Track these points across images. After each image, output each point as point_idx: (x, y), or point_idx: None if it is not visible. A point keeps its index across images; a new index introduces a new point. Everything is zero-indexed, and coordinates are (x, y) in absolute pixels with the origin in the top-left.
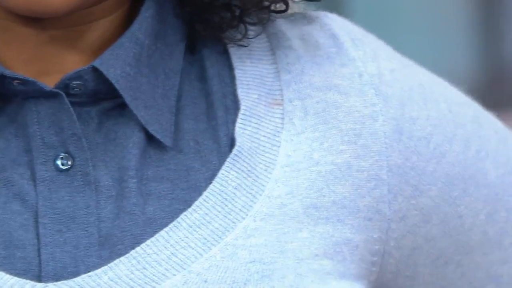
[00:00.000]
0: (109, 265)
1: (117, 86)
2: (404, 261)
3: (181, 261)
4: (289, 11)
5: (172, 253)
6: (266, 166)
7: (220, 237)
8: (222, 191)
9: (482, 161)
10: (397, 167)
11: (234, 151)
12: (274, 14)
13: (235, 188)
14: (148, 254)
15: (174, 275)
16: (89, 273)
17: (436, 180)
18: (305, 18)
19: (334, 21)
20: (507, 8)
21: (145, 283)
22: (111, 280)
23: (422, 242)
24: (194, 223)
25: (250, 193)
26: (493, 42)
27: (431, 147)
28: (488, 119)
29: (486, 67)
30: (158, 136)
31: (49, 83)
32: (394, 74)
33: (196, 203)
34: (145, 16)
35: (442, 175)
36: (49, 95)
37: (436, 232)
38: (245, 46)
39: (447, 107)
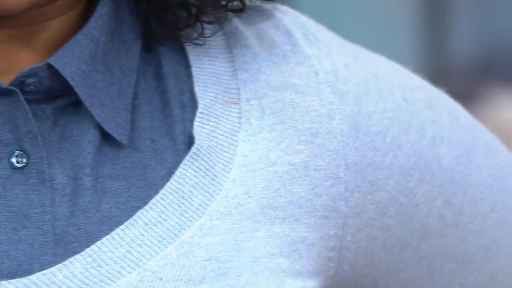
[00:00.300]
0: (64, 263)
1: (72, 83)
2: (361, 253)
3: (137, 259)
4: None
5: (127, 251)
6: (224, 165)
7: (176, 235)
8: (179, 189)
9: (438, 147)
10: (354, 165)
11: (193, 149)
12: (230, 13)
13: (192, 187)
14: (104, 252)
15: (130, 273)
16: (44, 271)
17: (393, 173)
18: (260, 15)
19: (287, 16)
20: (452, 5)
21: (100, 280)
22: (66, 278)
23: (378, 234)
24: (150, 221)
25: (207, 192)
26: (438, 38)
27: (387, 140)
28: (440, 100)
29: (430, 64)
30: (114, 134)
31: (5, 82)
32: (348, 69)
33: (153, 201)
34: (101, 14)
35: (398, 168)
36: (4, 92)
37: (392, 223)
38: (202, 45)
39: (401, 96)
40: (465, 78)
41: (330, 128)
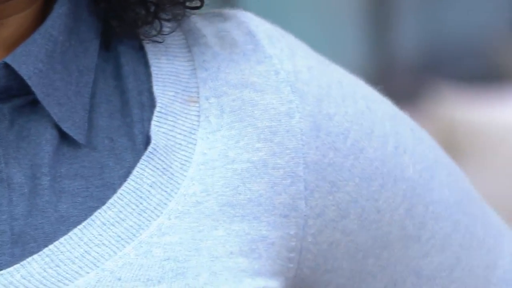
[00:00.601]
0: (21, 263)
1: (29, 82)
2: (322, 256)
3: (95, 259)
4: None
5: (85, 251)
6: (182, 164)
7: (134, 235)
8: (137, 189)
9: (401, 156)
10: (314, 164)
11: (149, 148)
12: (190, 11)
13: (150, 186)
14: (61, 252)
15: (88, 273)
16: (1, 271)
17: (354, 176)
18: (221, 16)
19: (250, 19)
20: (396, 3)
21: (58, 281)
22: (24, 278)
23: (340, 237)
24: (108, 221)
25: (165, 191)
26: (383, 36)
27: (348, 143)
28: (404, 117)
29: (376, 62)
30: (71, 134)
31: None
32: (311, 72)
33: (110, 201)
34: (59, 13)
35: (359, 171)
36: None
37: (354, 226)
38: (160, 42)
39: (365, 104)
40: (409, 76)
41: (289, 126)
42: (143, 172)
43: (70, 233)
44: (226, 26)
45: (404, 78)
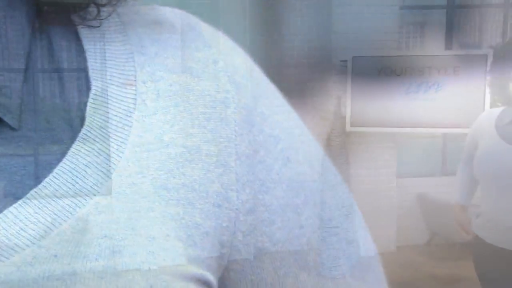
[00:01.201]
0: None
1: None
2: (250, 262)
3: (31, 236)
4: None
5: (21, 228)
6: (118, 145)
7: (71, 213)
8: (73, 168)
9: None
10: (245, 157)
11: (83, 130)
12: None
13: (86, 166)
14: None
15: (24, 249)
16: None
17: (282, 181)
18: (162, 8)
19: (194, 17)
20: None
21: None
22: None
23: (268, 245)
24: (44, 199)
25: (102, 171)
26: (274, 32)
27: (278, 148)
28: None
29: (268, 58)
30: (5, 119)
31: None
32: (250, 73)
33: (46, 179)
34: None
35: (287, 179)
36: None
37: (280, 236)
38: (97, 27)
39: (296, 124)
40: (301, 72)
41: (224, 115)
42: (79, 152)
43: (5, 211)
44: (167, 15)
45: (295, 74)
